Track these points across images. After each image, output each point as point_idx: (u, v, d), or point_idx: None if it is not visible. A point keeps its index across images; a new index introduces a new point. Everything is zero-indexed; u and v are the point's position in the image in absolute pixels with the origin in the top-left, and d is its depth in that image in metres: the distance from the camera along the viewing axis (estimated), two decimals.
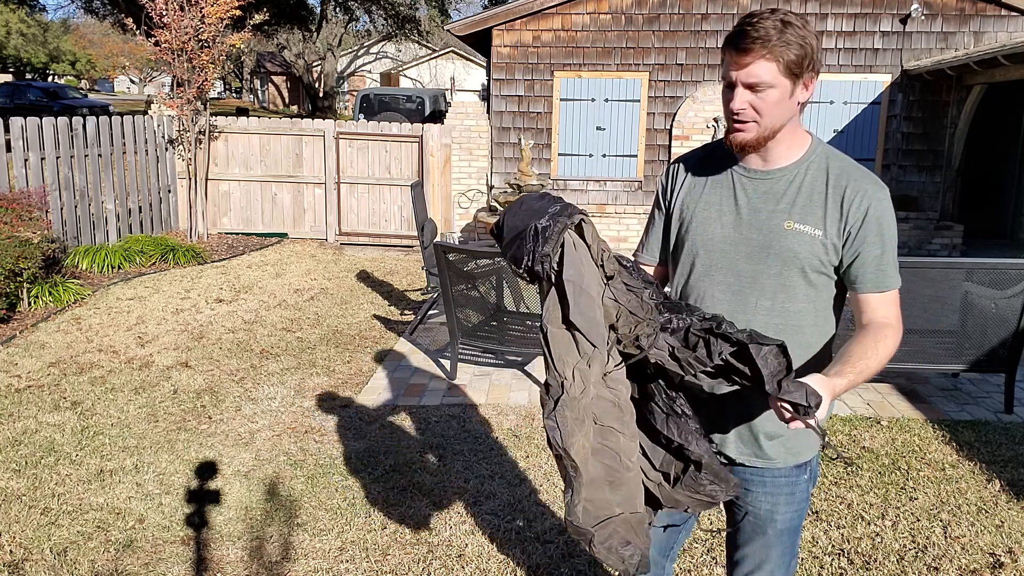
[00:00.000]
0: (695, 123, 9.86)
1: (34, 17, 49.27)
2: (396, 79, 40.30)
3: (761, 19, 1.62)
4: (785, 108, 1.66)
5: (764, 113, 1.65)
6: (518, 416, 4.51)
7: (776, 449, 1.80)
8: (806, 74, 1.66)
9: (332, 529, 3.33)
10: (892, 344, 1.70)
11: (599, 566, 3.06)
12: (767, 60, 1.61)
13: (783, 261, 1.71)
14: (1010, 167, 10.36)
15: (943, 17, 9.51)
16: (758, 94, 1.64)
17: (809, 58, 1.64)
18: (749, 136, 1.68)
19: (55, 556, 3.10)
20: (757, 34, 1.60)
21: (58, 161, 7.78)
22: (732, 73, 1.64)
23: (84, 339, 5.82)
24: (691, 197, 1.85)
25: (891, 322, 1.72)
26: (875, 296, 1.73)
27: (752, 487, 1.86)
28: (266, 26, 25.38)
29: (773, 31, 1.60)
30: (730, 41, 1.64)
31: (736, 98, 1.65)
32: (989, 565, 3.10)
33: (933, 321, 4.77)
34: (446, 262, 4.81)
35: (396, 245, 9.95)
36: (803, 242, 1.70)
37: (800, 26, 1.62)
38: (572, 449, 1.49)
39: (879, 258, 1.71)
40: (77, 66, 57.81)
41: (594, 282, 1.56)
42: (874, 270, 1.72)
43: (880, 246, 1.71)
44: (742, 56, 1.62)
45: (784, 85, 1.64)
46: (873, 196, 1.69)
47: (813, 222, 1.70)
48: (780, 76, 1.62)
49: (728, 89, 1.68)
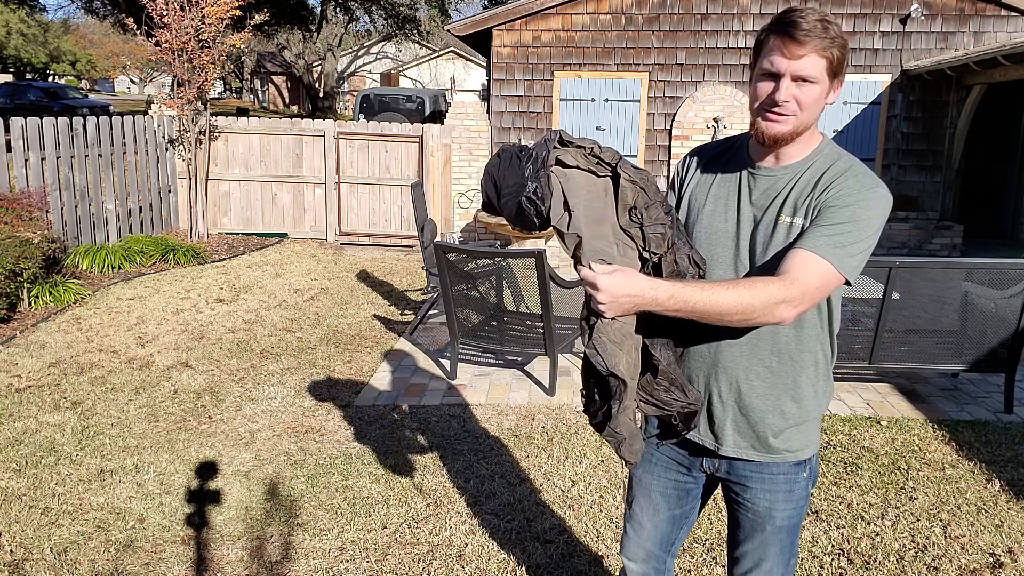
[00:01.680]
0: (695, 123, 9.86)
1: (34, 17, 49.26)
2: (396, 79, 40.30)
3: (807, 14, 1.61)
4: (819, 107, 1.67)
5: (804, 108, 1.65)
6: (518, 416, 4.52)
7: (775, 442, 1.81)
8: (840, 76, 1.66)
9: (332, 529, 3.33)
10: (769, 293, 1.56)
11: (599, 565, 3.06)
12: (819, 55, 1.60)
13: (778, 256, 1.69)
14: (1010, 167, 10.36)
15: (943, 17, 9.51)
16: (802, 88, 1.63)
17: (846, 60, 1.65)
18: (786, 128, 1.67)
19: (55, 556, 3.11)
20: (809, 27, 1.59)
21: (58, 161, 7.78)
22: (781, 62, 1.62)
23: (84, 339, 5.82)
24: (700, 190, 1.85)
25: (793, 279, 1.58)
26: (799, 252, 1.61)
27: (750, 483, 1.86)
28: (266, 26, 25.36)
29: (821, 28, 1.59)
30: (782, 30, 1.61)
31: (782, 89, 1.63)
32: (989, 565, 3.10)
33: (933, 321, 4.78)
34: (446, 262, 4.81)
35: (396, 245, 9.95)
36: (793, 236, 1.69)
37: (838, 29, 1.63)
38: (619, 368, 1.62)
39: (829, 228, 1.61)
40: (77, 66, 57.81)
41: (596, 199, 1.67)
42: (818, 236, 1.61)
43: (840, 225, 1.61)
44: (798, 47, 1.60)
45: (825, 83, 1.64)
46: (856, 189, 1.64)
47: (802, 213, 1.69)
48: (824, 74, 1.63)
49: (767, 79, 1.65)
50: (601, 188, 1.68)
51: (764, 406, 1.79)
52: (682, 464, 1.96)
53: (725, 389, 1.80)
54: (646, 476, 2.01)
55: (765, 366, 1.77)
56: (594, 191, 1.68)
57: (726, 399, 1.81)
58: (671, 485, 1.99)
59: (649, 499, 2.01)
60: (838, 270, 1.60)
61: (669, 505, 2.00)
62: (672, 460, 1.97)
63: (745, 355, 1.77)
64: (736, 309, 1.56)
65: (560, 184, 1.66)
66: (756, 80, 1.68)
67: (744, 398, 1.79)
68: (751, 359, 1.77)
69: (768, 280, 1.59)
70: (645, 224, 1.65)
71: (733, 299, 1.56)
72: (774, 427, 1.80)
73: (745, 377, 1.78)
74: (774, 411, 1.79)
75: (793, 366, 1.77)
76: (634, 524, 2.05)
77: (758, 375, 1.77)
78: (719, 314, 1.57)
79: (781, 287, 1.57)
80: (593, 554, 3.15)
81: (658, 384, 1.72)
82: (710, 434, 1.86)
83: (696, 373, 1.83)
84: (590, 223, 1.66)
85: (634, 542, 2.06)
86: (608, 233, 1.67)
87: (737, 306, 1.56)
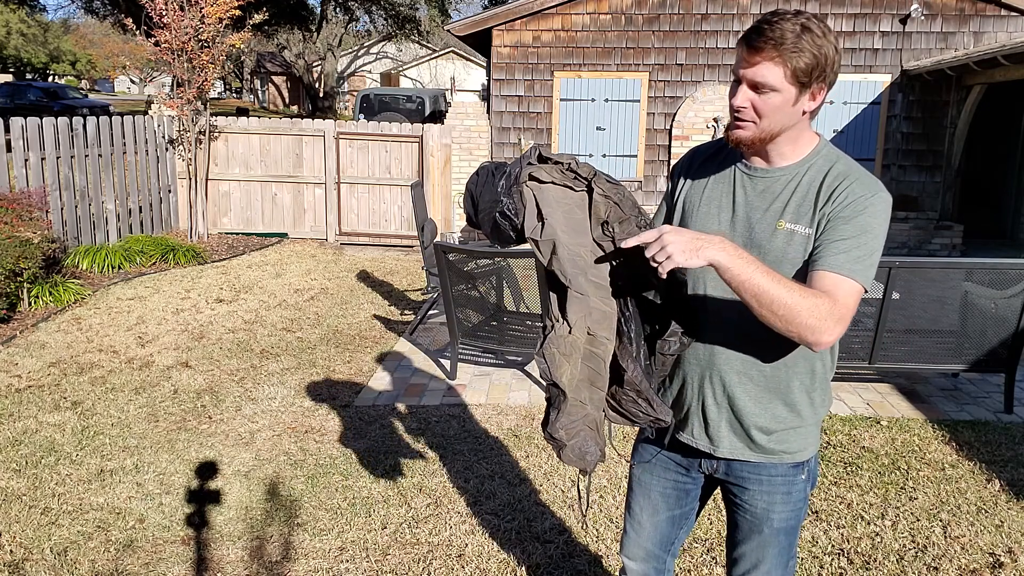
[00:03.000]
0: (695, 123, 9.86)
1: (34, 17, 49.27)
2: (396, 79, 40.30)
3: (781, 20, 1.58)
4: (786, 115, 1.64)
5: (764, 115, 1.64)
6: (518, 416, 4.52)
7: (770, 443, 1.81)
8: (815, 84, 1.61)
9: (332, 529, 3.33)
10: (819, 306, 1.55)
11: (599, 565, 3.06)
12: (775, 64, 1.58)
13: (775, 261, 1.67)
14: (1010, 167, 10.36)
15: (943, 17, 9.51)
16: (761, 95, 1.62)
17: (821, 68, 1.59)
18: (745, 134, 1.67)
19: (55, 556, 3.11)
20: (772, 35, 1.57)
21: (58, 161, 7.78)
22: (739, 68, 1.64)
23: (84, 339, 5.82)
24: (694, 191, 1.85)
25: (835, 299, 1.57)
26: (830, 275, 1.60)
27: (748, 484, 1.86)
28: (266, 26, 25.39)
29: (790, 35, 1.56)
30: (745, 37, 1.62)
31: (738, 95, 1.63)
32: (989, 565, 3.10)
33: (933, 321, 4.78)
34: (446, 262, 4.81)
35: (396, 245, 9.95)
36: (794, 242, 1.68)
37: (820, 34, 1.58)
38: (562, 380, 1.72)
39: (848, 243, 1.61)
40: (77, 66, 57.82)
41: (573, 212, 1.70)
42: (837, 252, 1.61)
43: (856, 239, 1.61)
44: (752, 55, 1.60)
45: (789, 91, 1.60)
46: (863, 195, 1.64)
47: (805, 221, 1.68)
48: (785, 82, 1.59)
49: (735, 83, 1.67)
50: (577, 202, 1.70)
51: (756, 409, 1.78)
52: (681, 465, 1.96)
53: (719, 391, 1.80)
54: (646, 476, 2.01)
55: (759, 370, 1.77)
56: (570, 204, 1.70)
57: (720, 401, 1.81)
58: (670, 485, 1.99)
59: (649, 499, 2.02)
60: (863, 284, 1.61)
61: (668, 505, 2.01)
62: (671, 461, 1.97)
63: (739, 358, 1.77)
64: (785, 303, 1.53)
65: (535, 197, 1.69)
66: (731, 85, 1.70)
67: (738, 401, 1.79)
68: (745, 362, 1.77)
69: (819, 294, 1.57)
70: (617, 237, 1.66)
71: (785, 292, 1.53)
72: (766, 429, 1.80)
73: (739, 380, 1.78)
74: (766, 414, 1.79)
75: (787, 371, 1.77)
76: (634, 524, 2.06)
77: (751, 378, 1.77)
78: (770, 301, 1.53)
79: (831, 304, 1.56)
80: (593, 554, 3.15)
81: (625, 394, 1.74)
82: (705, 436, 1.85)
83: (691, 374, 1.83)
84: (567, 231, 1.68)
85: (634, 542, 2.06)
86: (588, 243, 1.69)
87: (788, 301, 1.53)
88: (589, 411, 1.75)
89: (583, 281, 1.68)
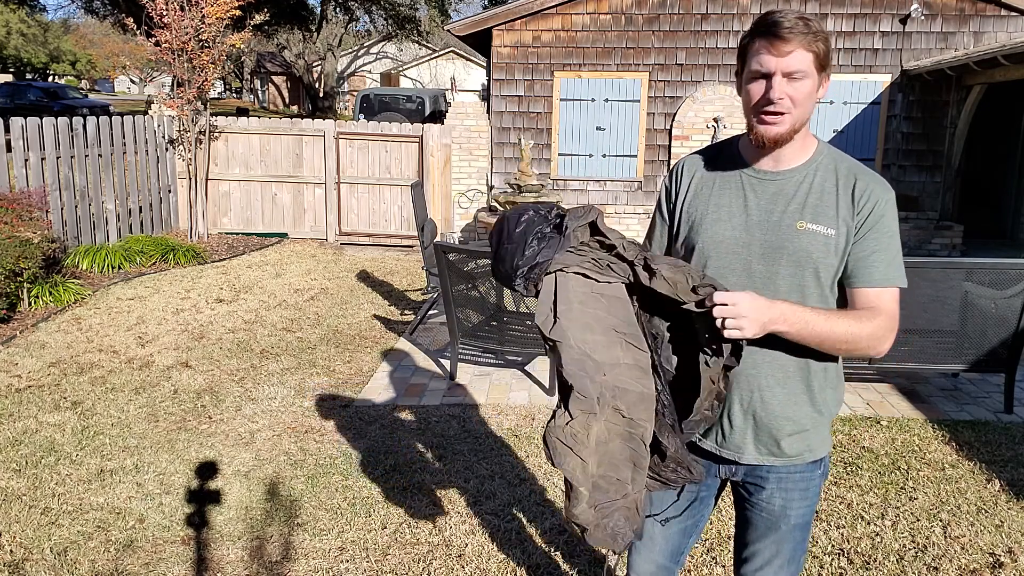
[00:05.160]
0: (695, 123, 9.86)
1: (34, 17, 49.27)
2: (396, 79, 40.30)
3: (786, 13, 1.66)
4: (811, 102, 1.69)
5: (797, 104, 1.66)
6: (518, 416, 4.52)
7: (795, 445, 1.80)
8: (827, 70, 1.69)
9: (332, 529, 3.33)
10: (876, 327, 1.68)
11: (599, 565, 3.06)
12: (805, 50, 1.63)
13: (796, 262, 1.70)
14: (1010, 167, 10.36)
15: (943, 17, 9.51)
16: (792, 84, 1.65)
17: (828, 54, 1.68)
18: (783, 129, 1.68)
19: (55, 556, 3.11)
20: (794, 25, 1.62)
21: (58, 161, 7.78)
22: (770, 61, 1.63)
23: (84, 339, 5.82)
24: (699, 199, 1.83)
25: (885, 312, 1.71)
26: (872, 291, 1.72)
27: (766, 484, 1.85)
28: (266, 26, 25.38)
29: (802, 23, 1.63)
30: (765, 32, 1.64)
31: (776, 87, 1.64)
32: (989, 565, 3.10)
33: (933, 321, 4.77)
34: (446, 262, 4.81)
35: (396, 245, 9.95)
36: (816, 242, 1.70)
37: (819, 24, 1.67)
38: (565, 469, 1.62)
39: (880, 254, 1.71)
40: (77, 66, 57.81)
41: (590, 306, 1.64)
42: (876, 264, 1.71)
43: (884, 243, 1.71)
44: (783, 44, 1.62)
45: (815, 78, 1.66)
46: (881, 195, 1.72)
47: (826, 221, 1.70)
48: (812, 67, 1.65)
49: (760, 80, 1.66)
50: (606, 292, 1.65)
51: (784, 412, 1.77)
52: None
53: (747, 397, 1.78)
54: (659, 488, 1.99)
55: (784, 372, 1.76)
56: (590, 298, 1.64)
57: (747, 407, 1.78)
58: (684, 496, 1.95)
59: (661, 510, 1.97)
60: (901, 284, 1.74)
61: (681, 516, 1.97)
62: None
63: (767, 362, 1.75)
64: (846, 338, 1.66)
65: (554, 290, 1.64)
66: (746, 84, 1.69)
67: (766, 406, 1.77)
68: (772, 366, 1.76)
69: (871, 314, 1.69)
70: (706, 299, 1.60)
71: (844, 328, 1.67)
72: (792, 432, 1.79)
73: (767, 384, 1.76)
74: (792, 416, 1.78)
75: (809, 370, 1.77)
76: (644, 537, 1.98)
77: (778, 381, 1.76)
78: (833, 341, 1.67)
79: (887, 322, 1.70)
80: (593, 554, 3.15)
81: (666, 466, 1.73)
82: (730, 444, 1.83)
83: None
84: (582, 328, 1.63)
85: (644, 556, 2.01)
86: (599, 338, 1.63)
87: (847, 335, 1.66)
88: (630, 492, 1.66)
89: (588, 384, 1.60)
